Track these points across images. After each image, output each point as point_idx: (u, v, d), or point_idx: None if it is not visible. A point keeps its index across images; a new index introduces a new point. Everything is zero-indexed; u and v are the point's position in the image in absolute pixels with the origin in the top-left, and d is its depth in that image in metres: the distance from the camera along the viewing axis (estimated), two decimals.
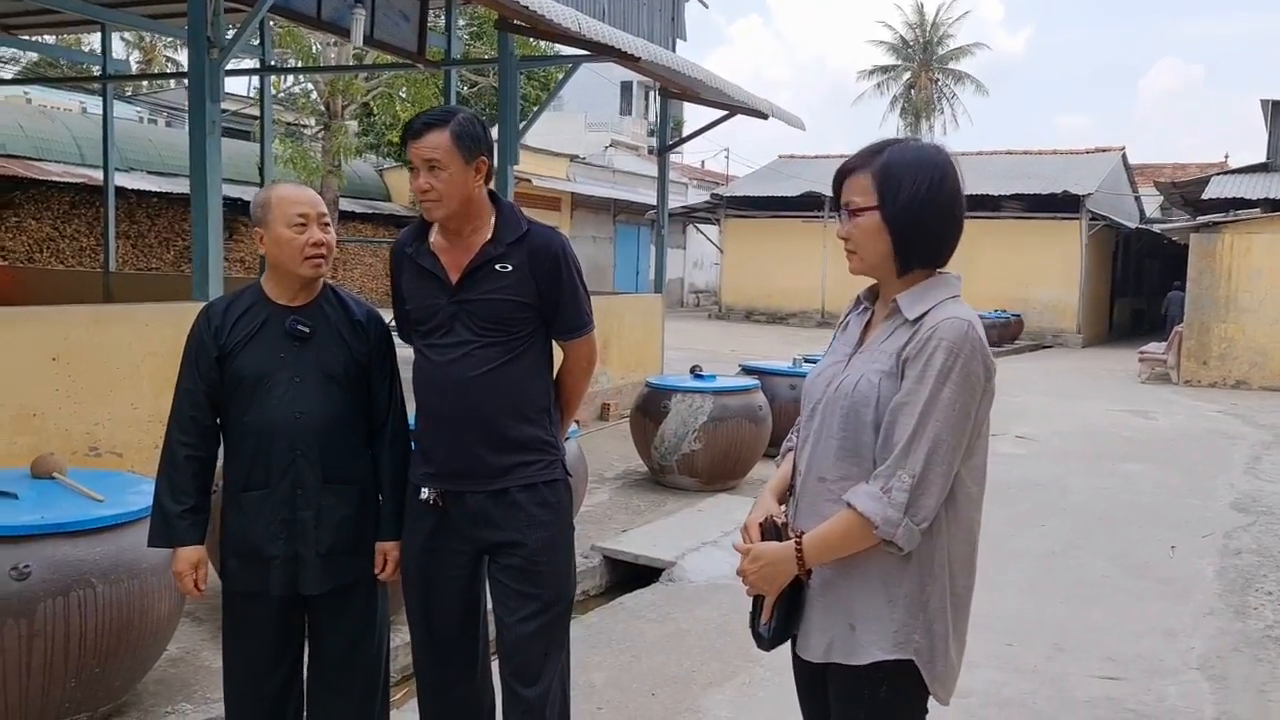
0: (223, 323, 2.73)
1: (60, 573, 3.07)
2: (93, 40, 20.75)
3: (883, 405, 1.93)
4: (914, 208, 1.94)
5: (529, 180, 24.66)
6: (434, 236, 2.72)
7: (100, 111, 15.55)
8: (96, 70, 14.41)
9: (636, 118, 41.09)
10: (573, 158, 30.08)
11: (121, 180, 16.09)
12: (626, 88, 41.67)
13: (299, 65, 18.45)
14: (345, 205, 23.26)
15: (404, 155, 2.67)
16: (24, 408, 4.93)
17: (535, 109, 10.25)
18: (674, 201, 31.01)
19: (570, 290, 2.72)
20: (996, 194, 24.13)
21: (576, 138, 35.21)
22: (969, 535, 2.00)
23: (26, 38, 15.10)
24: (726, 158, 45.48)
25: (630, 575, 5.70)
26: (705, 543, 5.91)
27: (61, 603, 3.06)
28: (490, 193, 2.73)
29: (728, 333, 23.48)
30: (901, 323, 1.97)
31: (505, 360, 2.66)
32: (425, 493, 2.73)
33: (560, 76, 22.03)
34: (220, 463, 2.79)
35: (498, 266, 2.65)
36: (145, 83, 30.50)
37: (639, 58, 8.36)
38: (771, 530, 2.05)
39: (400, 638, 3.60)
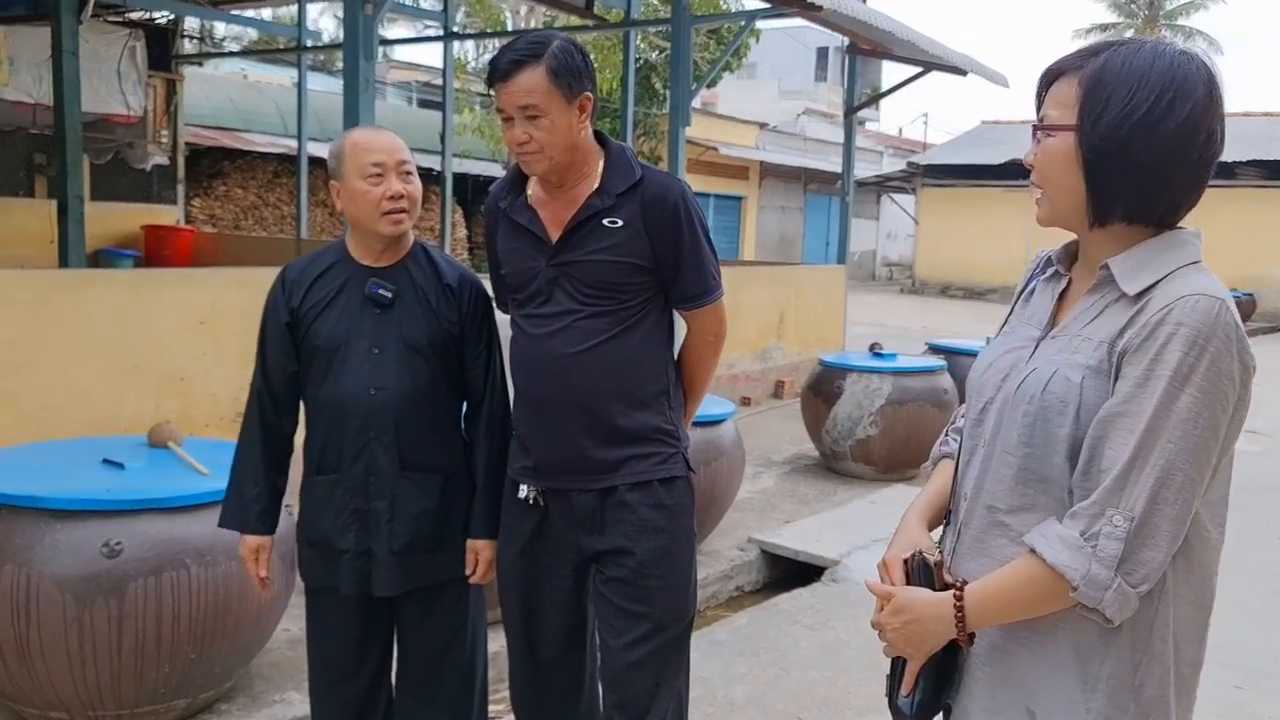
0: (297, 285, 2.41)
1: (153, 551, 2.87)
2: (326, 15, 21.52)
3: (1085, 414, 1.37)
4: (1122, 133, 1.35)
5: (715, 148, 24.15)
6: (532, 188, 2.33)
7: (312, 86, 16.11)
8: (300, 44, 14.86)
9: (832, 84, 39.71)
10: (762, 125, 29.33)
11: (316, 150, 16.61)
12: (822, 53, 40.43)
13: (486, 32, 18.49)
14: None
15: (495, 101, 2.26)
16: (172, 371, 4.88)
17: (710, 73, 9.74)
18: (868, 170, 29.91)
19: (692, 249, 2.28)
20: (1231, 160, 21.92)
21: (769, 105, 34.41)
22: (1202, 595, 1.42)
23: (237, 13, 15.74)
24: (925, 124, 43.52)
25: (790, 572, 5.21)
26: (876, 540, 5.33)
27: (154, 583, 2.86)
28: (597, 134, 2.31)
29: (920, 308, 22.34)
30: (1116, 298, 1.40)
31: (614, 333, 2.26)
32: (524, 490, 2.35)
33: (748, 39, 21.41)
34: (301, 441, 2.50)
35: (605, 221, 2.23)
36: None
37: (820, 6, 7.72)
38: (920, 571, 1.53)
39: (498, 642, 3.27)
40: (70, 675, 2.83)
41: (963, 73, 10.55)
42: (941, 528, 1.63)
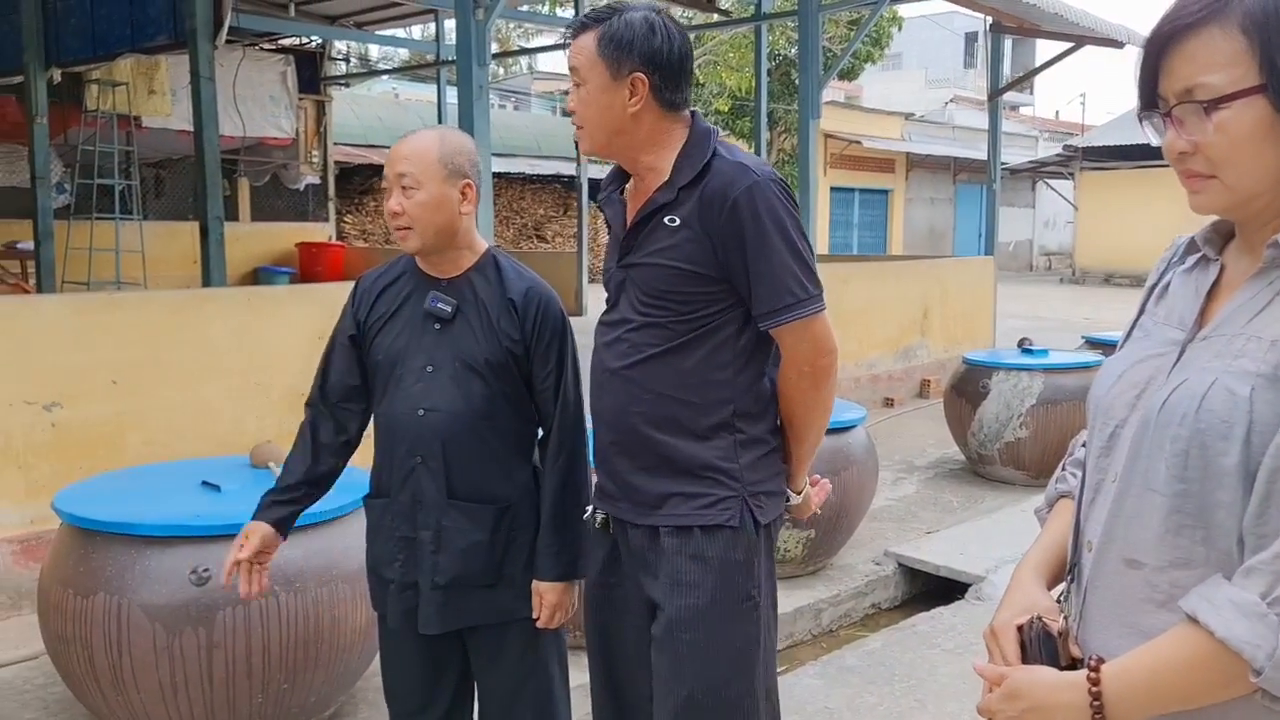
0: (366, 296, 2.28)
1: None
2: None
3: (1259, 437, 1.06)
4: None
5: (859, 142, 23.53)
6: (632, 180, 2.07)
7: (451, 100, 16.45)
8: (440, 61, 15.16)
9: (981, 70, 38.28)
10: (908, 116, 28.43)
11: None
12: (970, 38, 39.05)
13: None
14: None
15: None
16: (292, 388, 4.89)
17: (841, 60, 9.37)
18: (1021, 155, 28.64)
19: (760, 254, 1.90)
20: None
21: (915, 95, 33.41)
22: None
23: (382, 33, 16.19)
24: (1082, 105, 41.28)
25: (930, 587, 4.85)
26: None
27: (242, 612, 2.79)
28: (694, 118, 2.00)
29: (1081, 299, 21.17)
30: None
31: (663, 349, 1.96)
32: (590, 512, 2.14)
33: (890, 27, 20.74)
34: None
35: (665, 219, 1.95)
36: (494, 69, 32.34)
37: None
38: (1040, 642, 1.22)
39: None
40: (164, 705, 2.79)
41: (1119, 45, 9.83)
42: (1065, 585, 1.32)
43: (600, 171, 21.40)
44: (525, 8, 14.65)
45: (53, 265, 9.87)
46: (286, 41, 15.51)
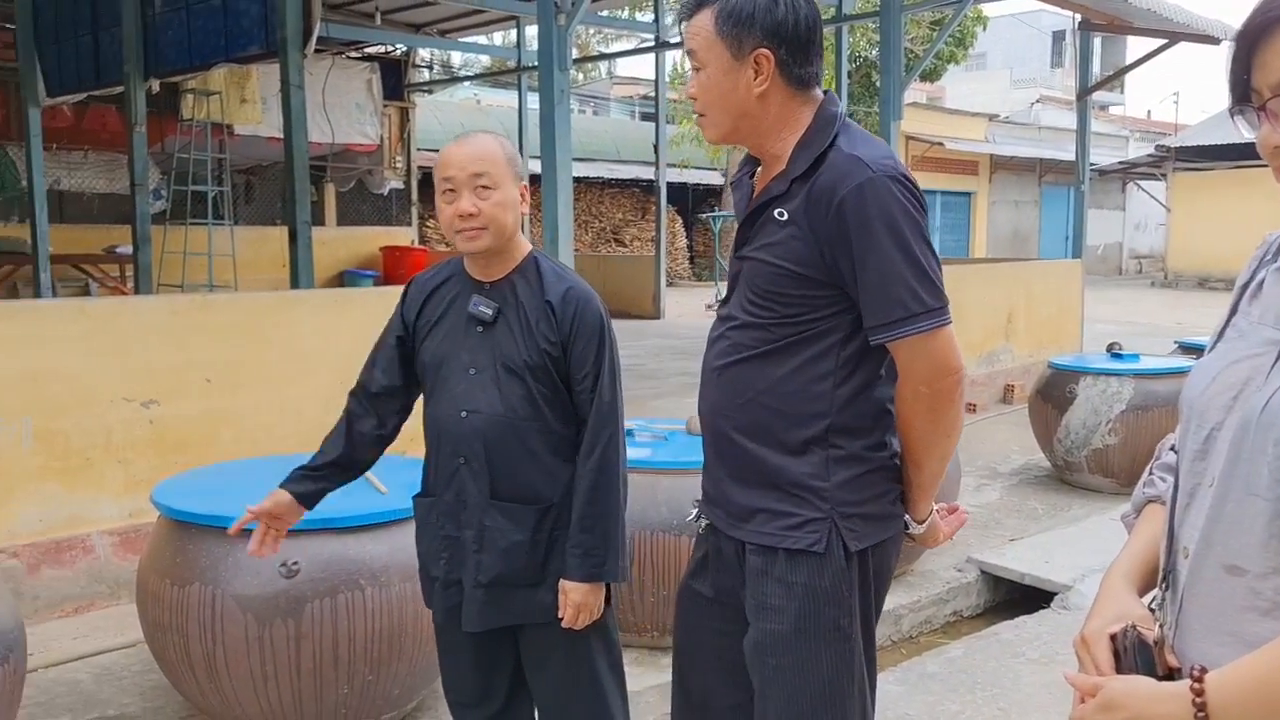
0: (416, 299, 2.32)
1: (328, 571, 2.87)
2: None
3: None
4: None
5: (941, 144, 23.17)
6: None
7: (532, 106, 16.63)
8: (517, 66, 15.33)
9: (1069, 69, 37.43)
10: (992, 117, 27.92)
11: (537, 167, 17.10)
12: (1058, 37, 38.19)
13: None
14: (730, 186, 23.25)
15: None
16: None
17: (924, 60, 9.24)
18: (1111, 156, 27.92)
19: (870, 260, 1.71)
20: None
21: (1000, 96, 32.83)
22: None
23: (465, 40, 16.43)
24: (1175, 104, 40.13)
25: (1014, 596, 4.76)
26: None
27: (329, 604, 2.85)
28: (825, 99, 1.84)
29: (1174, 303, 20.54)
30: None
31: (759, 351, 1.83)
32: (695, 515, 2.07)
33: (975, 27, 20.38)
34: None
35: (775, 212, 1.80)
36: (574, 74, 32.59)
37: None
38: (1135, 651, 1.18)
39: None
40: (254, 693, 2.87)
41: (1216, 41, 9.53)
42: (1158, 592, 1.28)
43: (679, 176, 21.43)
44: (604, 13, 14.71)
45: (150, 268, 10.21)
46: (372, 50, 15.83)
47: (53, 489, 4.10)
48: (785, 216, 1.79)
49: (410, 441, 5.00)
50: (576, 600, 2.21)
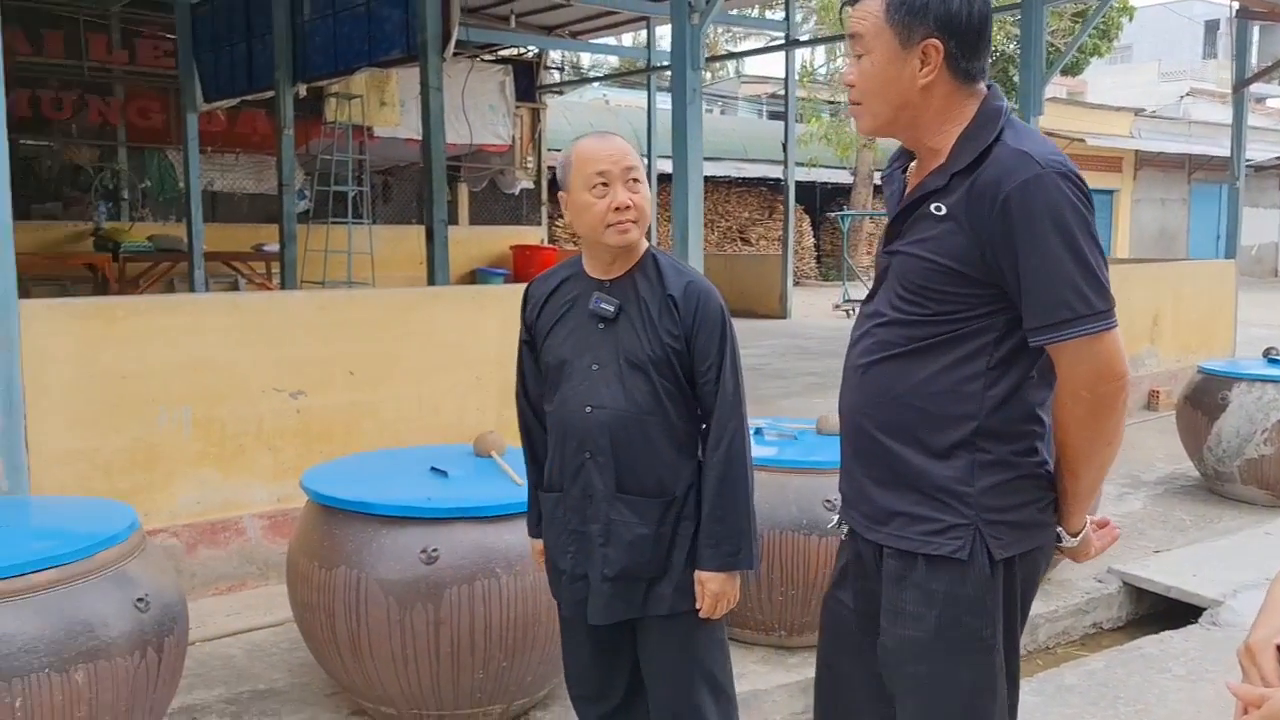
0: (536, 301, 2.38)
1: (466, 559, 2.95)
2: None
3: None
4: None
5: (1082, 140, 22.33)
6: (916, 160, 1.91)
7: (661, 105, 16.77)
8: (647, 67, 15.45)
9: (1223, 60, 35.59)
10: (1137, 112, 26.77)
11: (666, 166, 17.18)
12: (1211, 26, 36.47)
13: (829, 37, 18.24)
14: (882, 179, 22.86)
15: None
16: (508, 382, 5.04)
17: (1066, 54, 8.93)
18: (1268, 151, 26.39)
19: (1035, 258, 1.66)
20: None
21: (1147, 90, 31.46)
22: None
23: (596, 42, 16.64)
24: None
25: (1158, 609, 4.56)
26: (1269, 578, 4.55)
27: (466, 591, 2.94)
28: (989, 92, 1.79)
29: None
30: None
31: (906, 350, 1.79)
32: (835, 522, 2.04)
33: (1120, 18, 19.56)
34: None
35: (932, 207, 1.75)
36: (703, 73, 32.61)
37: None
38: None
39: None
40: (395, 674, 2.98)
41: None
42: None
43: (807, 174, 21.22)
44: (734, 11, 14.70)
45: (295, 265, 10.66)
46: (505, 52, 16.17)
47: (209, 474, 4.33)
48: (943, 211, 1.73)
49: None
50: (714, 590, 2.24)
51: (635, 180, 2.21)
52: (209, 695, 3.36)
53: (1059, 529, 1.86)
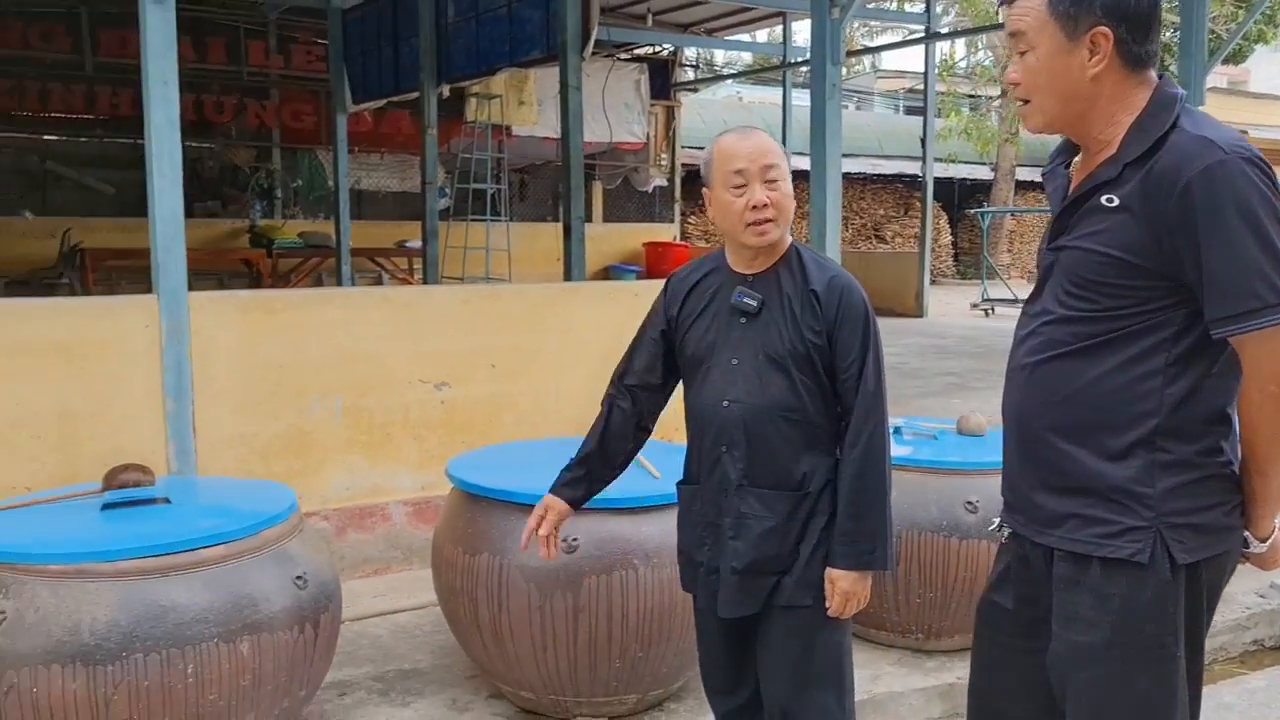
0: (676, 293, 2.39)
1: (605, 550, 3.00)
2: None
3: None
4: None
5: (1245, 132, 21.07)
6: (1080, 155, 1.86)
7: (795, 102, 16.70)
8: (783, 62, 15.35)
9: None
10: None
11: (799, 163, 17.04)
12: None
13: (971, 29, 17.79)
14: (1024, 174, 22.15)
15: None
16: None
17: (1229, 43, 8.48)
18: None
19: (1220, 246, 1.60)
20: None
21: None
22: None
23: (731, 39, 16.64)
24: None
25: None
26: None
27: (604, 581, 2.99)
28: (1161, 81, 1.74)
29: None
30: None
31: (1077, 347, 1.73)
32: (997, 524, 1.99)
33: None
34: None
35: (1103, 199, 1.70)
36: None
37: None
38: None
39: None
40: (534, 659, 3.05)
41: None
42: None
43: (945, 170, 20.73)
44: (872, 5, 14.47)
45: (436, 261, 10.99)
46: (641, 50, 16.31)
47: (358, 461, 4.51)
48: (1115, 202, 1.68)
49: (676, 431, 5.14)
50: (844, 589, 2.22)
51: (774, 179, 2.21)
52: (357, 672, 3.51)
53: (1246, 534, 1.78)
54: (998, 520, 1.98)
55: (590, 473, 2.51)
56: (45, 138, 13.77)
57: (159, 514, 2.83)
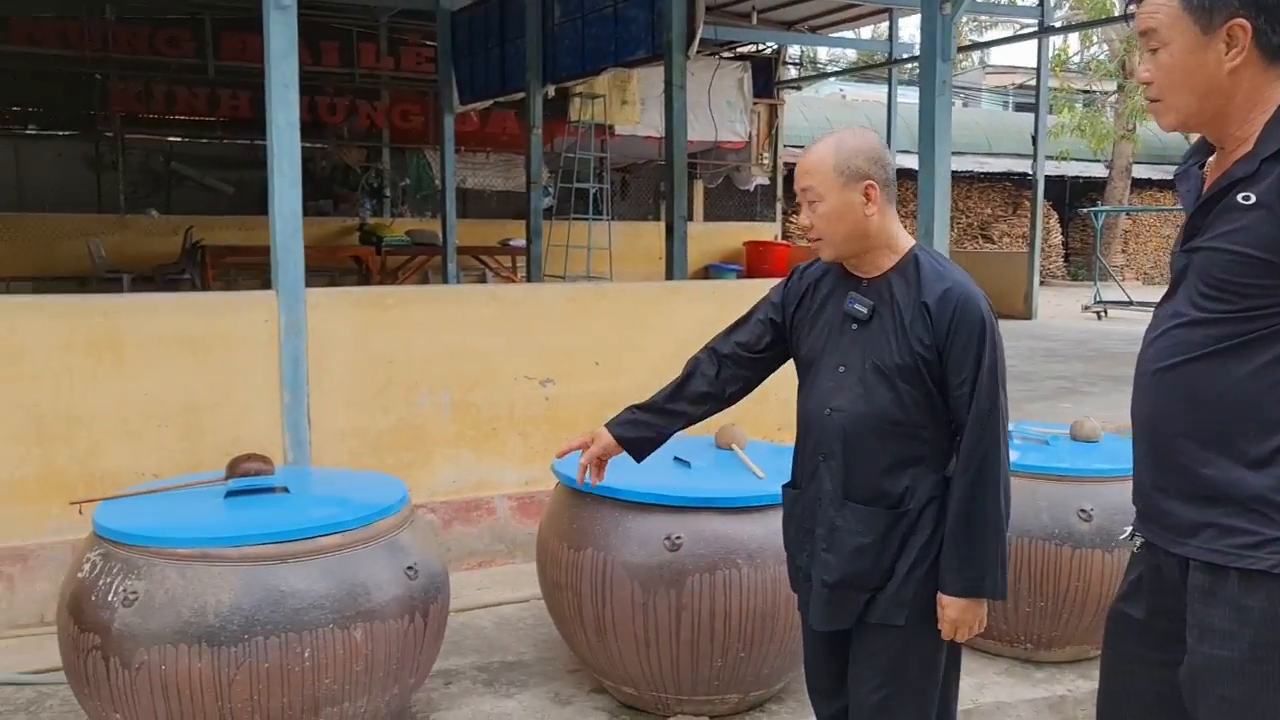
0: (797, 290, 2.36)
1: (708, 549, 3.01)
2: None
3: None
4: None
5: None
6: (1216, 154, 1.79)
7: (903, 99, 16.47)
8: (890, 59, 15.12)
9: None
10: None
11: (906, 161, 16.77)
12: None
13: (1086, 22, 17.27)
14: (1141, 172, 21.40)
15: None
16: None
17: None
18: None
19: None
20: None
21: None
22: None
23: (835, 35, 16.47)
24: None
25: None
26: None
27: (707, 579, 2.99)
28: None
29: None
30: None
31: (1211, 350, 1.67)
32: (1129, 533, 1.90)
33: None
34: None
35: (1239, 196, 1.63)
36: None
37: None
38: None
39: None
40: (637, 655, 3.07)
41: None
42: None
43: (1056, 169, 20.16)
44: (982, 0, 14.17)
45: (540, 260, 11.12)
46: (744, 49, 16.26)
47: (465, 455, 4.61)
48: (1252, 200, 1.61)
49: (778, 430, 5.13)
50: (953, 616, 2.15)
51: (812, 200, 2.18)
52: (463, 662, 3.58)
53: None
54: (1130, 529, 1.90)
55: (647, 421, 2.50)
56: (170, 139, 14.39)
57: (279, 502, 2.93)
